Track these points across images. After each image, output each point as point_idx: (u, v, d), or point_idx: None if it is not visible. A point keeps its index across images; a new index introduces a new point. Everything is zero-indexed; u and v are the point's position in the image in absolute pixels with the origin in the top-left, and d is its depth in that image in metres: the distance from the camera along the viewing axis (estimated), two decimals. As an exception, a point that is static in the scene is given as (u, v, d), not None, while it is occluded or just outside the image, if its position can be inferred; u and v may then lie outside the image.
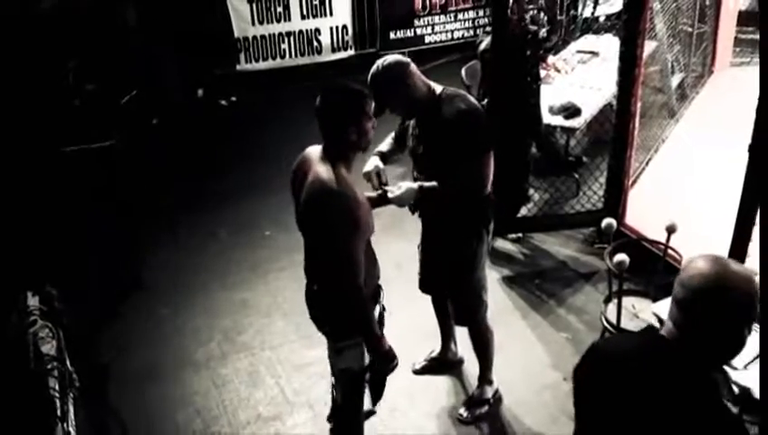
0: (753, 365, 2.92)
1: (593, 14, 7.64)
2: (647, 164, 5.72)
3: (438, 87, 3.27)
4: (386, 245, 5.06)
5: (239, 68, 8.37)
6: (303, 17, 8.47)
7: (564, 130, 5.67)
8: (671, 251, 3.74)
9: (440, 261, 3.60)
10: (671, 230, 3.66)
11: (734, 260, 1.89)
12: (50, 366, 3.26)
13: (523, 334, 4.41)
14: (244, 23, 8.23)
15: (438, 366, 4.16)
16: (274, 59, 8.51)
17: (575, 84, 6.14)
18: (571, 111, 5.56)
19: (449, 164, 3.18)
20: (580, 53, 6.82)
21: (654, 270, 3.74)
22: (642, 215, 4.78)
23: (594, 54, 6.73)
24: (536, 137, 5.41)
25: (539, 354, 4.24)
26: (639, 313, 3.65)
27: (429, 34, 9.12)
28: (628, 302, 3.66)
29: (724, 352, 1.86)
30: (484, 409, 3.84)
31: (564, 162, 5.87)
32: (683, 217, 3.78)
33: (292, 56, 8.56)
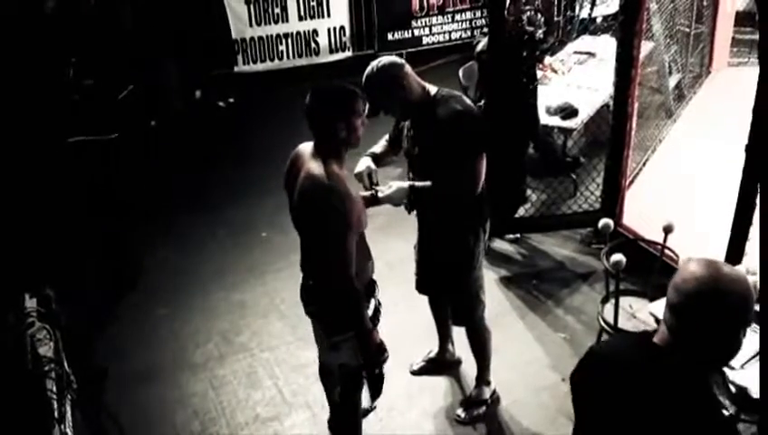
0: (750, 365, 2.92)
1: (590, 15, 7.67)
2: (644, 164, 5.72)
3: (433, 88, 3.27)
4: (382, 245, 5.06)
5: (237, 69, 8.36)
6: (301, 18, 8.46)
7: (561, 130, 5.69)
8: (668, 251, 3.74)
9: (437, 261, 3.60)
10: (668, 230, 3.66)
11: (727, 263, 1.89)
12: (47, 368, 3.25)
13: (521, 335, 4.41)
14: (242, 24, 8.23)
15: (436, 367, 4.16)
16: (272, 60, 8.51)
17: (572, 85, 6.16)
18: (568, 112, 5.57)
19: (443, 165, 3.19)
20: (578, 53, 6.84)
21: (651, 270, 3.74)
22: (639, 215, 4.78)
23: (591, 55, 6.75)
24: (533, 138, 5.43)
25: (537, 355, 4.24)
26: (637, 313, 3.65)
27: (427, 35, 9.11)
28: (625, 302, 3.67)
29: (719, 356, 1.85)
30: (482, 409, 3.84)
31: (562, 163, 5.87)
32: (680, 217, 3.78)
33: (289, 57, 8.56)
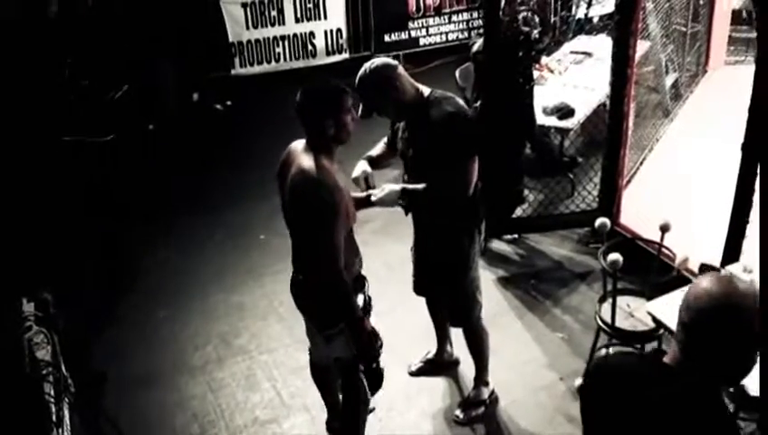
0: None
1: (587, 14, 7.68)
2: (641, 163, 5.72)
3: (427, 90, 3.27)
4: (381, 247, 5.09)
5: (234, 72, 8.37)
6: (298, 21, 8.47)
7: (558, 130, 5.69)
8: (665, 250, 3.74)
9: (432, 262, 3.61)
10: (665, 229, 3.66)
11: (740, 278, 1.85)
12: (45, 372, 3.26)
13: (519, 335, 4.41)
14: (239, 27, 8.24)
15: (434, 367, 4.16)
16: (269, 63, 8.52)
17: (568, 85, 6.16)
18: (564, 112, 5.57)
19: (436, 166, 3.19)
20: (574, 53, 6.84)
21: (648, 269, 3.74)
22: (637, 214, 4.78)
23: (587, 55, 6.75)
24: (530, 138, 5.43)
25: (535, 354, 4.24)
26: (634, 312, 3.65)
27: (424, 37, 9.12)
28: (622, 301, 3.67)
29: (733, 374, 1.78)
30: (480, 410, 3.84)
31: (559, 163, 5.87)
32: (677, 216, 3.78)
33: (286, 60, 8.57)
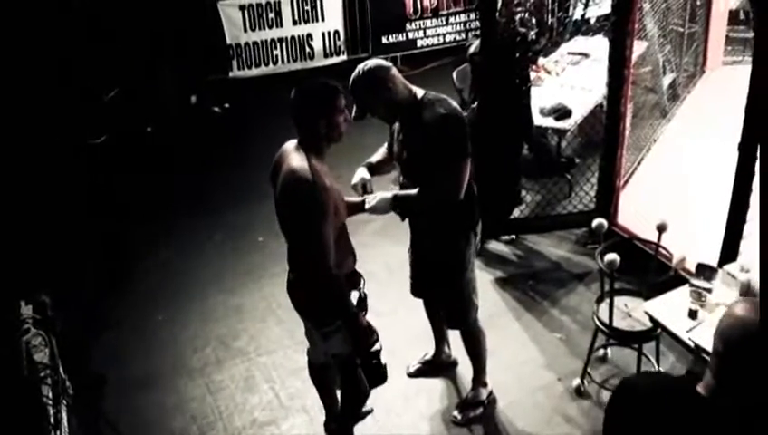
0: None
1: (583, 16, 7.68)
2: (639, 164, 5.73)
3: (420, 91, 3.27)
4: (380, 248, 5.10)
5: (232, 75, 8.39)
6: (295, 23, 8.49)
7: (555, 131, 5.69)
8: (662, 250, 3.75)
9: (429, 264, 3.61)
10: (662, 229, 3.67)
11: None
12: (43, 374, 3.26)
13: (517, 335, 4.42)
14: (237, 29, 8.26)
15: (432, 369, 4.16)
16: (267, 65, 8.53)
17: (566, 86, 6.17)
18: (561, 113, 5.58)
19: (430, 168, 3.20)
20: (571, 54, 6.85)
21: (646, 269, 3.75)
22: (634, 214, 4.78)
23: (584, 56, 6.76)
24: (527, 139, 5.44)
25: (533, 355, 4.24)
26: (632, 312, 3.66)
27: (421, 38, 9.13)
28: (620, 301, 3.67)
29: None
30: (479, 411, 3.84)
31: (556, 163, 5.87)
32: (674, 216, 3.79)
33: (284, 62, 8.58)
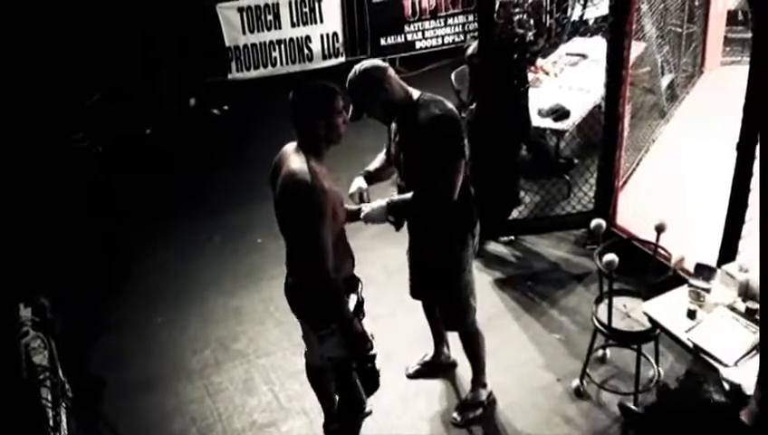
0: (744, 362, 2.93)
1: (582, 17, 7.69)
2: (637, 164, 5.73)
3: (416, 92, 3.28)
4: (379, 251, 5.09)
5: (230, 77, 8.39)
6: (294, 25, 8.49)
7: (554, 132, 5.69)
8: (661, 250, 3.75)
9: (426, 266, 3.62)
10: (660, 229, 3.67)
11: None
12: (42, 377, 3.26)
13: (516, 336, 4.41)
14: (235, 31, 8.26)
15: (432, 370, 4.16)
16: (266, 67, 8.53)
17: (564, 87, 6.17)
18: (559, 114, 5.58)
19: (424, 168, 3.20)
20: (569, 55, 6.85)
21: (645, 269, 3.74)
22: (633, 215, 4.78)
23: (582, 57, 6.76)
24: (526, 139, 5.44)
25: (532, 356, 4.24)
26: (630, 312, 3.66)
27: (420, 40, 9.12)
28: (619, 302, 3.67)
29: None
30: (478, 412, 3.84)
31: (555, 164, 5.87)
32: (673, 216, 3.79)
33: (283, 64, 8.58)
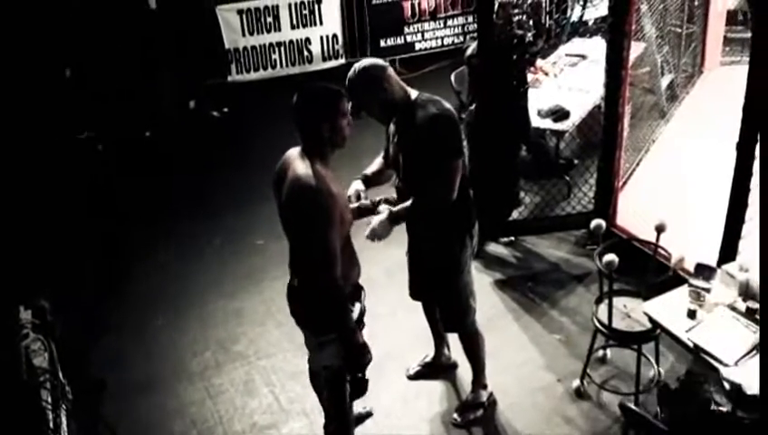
0: (744, 362, 2.93)
1: (581, 17, 7.70)
2: (637, 164, 5.73)
3: (414, 92, 3.28)
4: (379, 252, 5.03)
5: (230, 79, 8.42)
6: (293, 27, 8.51)
7: (553, 132, 5.69)
8: (661, 250, 3.75)
9: (425, 267, 3.62)
10: (660, 229, 3.67)
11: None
12: (42, 379, 3.26)
13: (517, 337, 4.41)
14: (235, 34, 8.28)
15: (432, 371, 4.16)
16: (265, 69, 8.56)
17: (563, 87, 6.18)
18: (559, 114, 5.59)
19: (422, 168, 3.20)
20: (569, 56, 6.86)
21: (645, 269, 3.74)
22: (633, 215, 4.78)
23: (582, 57, 6.77)
24: (525, 140, 5.44)
25: (532, 356, 4.24)
26: (631, 312, 3.66)
27: (419, 41, 9.14)
28: (619, 302, 3.67)
29: None
30: (479, 412, 3.83)
31: (555, 165, 5.88)
32: (673, 216, 3.79)
33: (282, 66, 8.61)
